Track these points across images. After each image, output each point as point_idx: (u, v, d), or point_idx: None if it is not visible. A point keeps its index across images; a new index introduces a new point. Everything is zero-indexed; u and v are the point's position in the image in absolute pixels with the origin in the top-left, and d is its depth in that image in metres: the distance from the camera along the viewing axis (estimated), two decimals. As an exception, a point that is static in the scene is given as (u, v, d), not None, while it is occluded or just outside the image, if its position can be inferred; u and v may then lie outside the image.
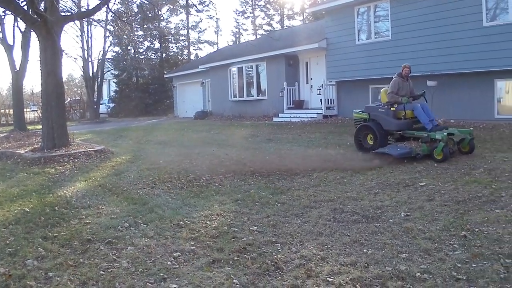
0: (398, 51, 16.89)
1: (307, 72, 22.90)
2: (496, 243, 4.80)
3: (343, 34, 19.41)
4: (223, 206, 6.65)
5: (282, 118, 21.31)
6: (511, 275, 4.06)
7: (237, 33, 58.74)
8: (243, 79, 25.96)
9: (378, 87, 18.75)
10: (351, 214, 6.11)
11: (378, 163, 9.35)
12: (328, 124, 17.78)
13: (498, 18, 14.46)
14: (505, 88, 15.20)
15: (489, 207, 6.11)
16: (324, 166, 9.46)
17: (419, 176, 8.20)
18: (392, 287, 3.88)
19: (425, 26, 15.95)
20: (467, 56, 14.80)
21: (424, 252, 4.65)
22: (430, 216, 5.88)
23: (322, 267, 4.30)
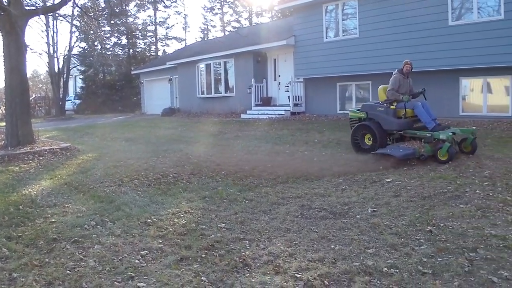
0: (365, 49, 17.09)
1: (275, 69, 22.95)
2: (460, 237, 4.90)
3: (311, 31, 19.52)
4: (191, 204, 6.61)
5: (250, 115, 21.32)
6: (475, 268, 4.14)
7: (205, 29, 58.42)
8: (211, 76, 25.88)
9: (346, 84, 18.98)
10: (318, 211, 6.15)
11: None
12: (295, 121, 17.86)
13: (463, 18, 14.77)
14: (469, 86, 15.54)
15: (454, 202, 6.23)
16: (293, 162, 9.52)
17: (386, 173, 8.33)
18: (359, 282, 3.91)
19: (393, 24, 16.17)
20: (433, 54, 15.07)
21: (390, 247, 4.70)
22: (397, 211, 5.96)
23: (290, 263, 4.31)
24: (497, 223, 5.33)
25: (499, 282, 3.89)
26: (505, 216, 5.53)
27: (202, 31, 58.90)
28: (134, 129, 19.36)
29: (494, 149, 10.02)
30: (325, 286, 3.88)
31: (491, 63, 14.06)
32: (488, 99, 15.05)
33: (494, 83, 15.15)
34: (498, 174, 7.47)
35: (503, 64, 13.91)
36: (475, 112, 15.12)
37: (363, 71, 17.53)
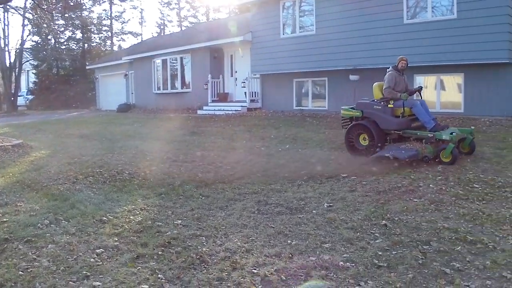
0: (322, 45, 17.24)
1: (232, 65, 22.91)
2: (414, 230, 5.03)
3: (269, 27, 19.55)
4: (147, 200, 6.53)
5: (206, 111, 21.22)
6: (428, 260, 4.26)
7: (162, 24, 57.80)
8: (167, 72, 25.64)
9: (302, 80, 19.11)
10: (275, 206, 6.18)
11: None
12: (252, 117, 17.88)
13: (418, 16, 15.12)
14: (423, 83, 15.88)
15: (408, 196, 6.38)
16: (249, 158, 9.54)
17: (341, 168, 8.41)
18: (316, 276, 3.96)
19: (349, 21, 16.37)
20: (389, 51, 15.31)
21: (346, 242, 4.78)
22: (352, 206, 6.06)
23: (247, 259, 4.32)
24: (450, 216, 5.50)
25: (451, 273, 4.01)
26: (457, 210, 5.71)
27: (158, 26, 58.32)
28: (89, 125, 18.98)
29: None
30: (282, 281, 3.91)
31: (444, 61, 14.44)
32: (441, 96, 15.44)
33: (447, 80, 15.55)
34: (450, 169, 7.68)
35: (456, 62, 14.29)
36: (429, 108, 15.42)
37: (320, 67, 17.68)
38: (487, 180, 6.95)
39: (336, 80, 17.76)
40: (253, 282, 3.85)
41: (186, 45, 23.75)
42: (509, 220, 5.32)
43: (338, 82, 17.68)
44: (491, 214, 5.49)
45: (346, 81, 16.85)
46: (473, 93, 14.50)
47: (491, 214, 5.50)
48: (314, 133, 12.97)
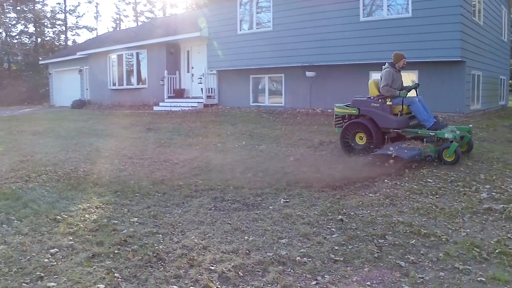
0: (279, 42, 17.30)
1: (189, 60, 22.74)
2: (370, 225, 5.14)
3: (225, 23, 19.49)
4: (102, 198, 6.42)
5: (162, 107, 21.00)
6: (384, 254, 4.36)
7: (118, 19, 56.92)
8: (123, 67, 25.21)
9: (259, 77, 19.14)
10: (231, 202, 6.19)
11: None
12: (208, 113, 17.82)
13: (374, 14, 15.35)
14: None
15: (363, 191, 6.51)
16: (206, 155, 9.51)
17: (298, 164, 8.50)
18: (273, 272, 3.99)
19: (306, 18, 16.47)
20: (345, 48, 15.55)
21: (303, 237, 4.83)
22: (309, 202, 6.13)
23: (204, 256, 4.31)
24: (404, 210, 5.64)
25: (406, 266, 4.12)
26: (411, 204, 5.87)
27: (114, 21, 57.46)
28: (42, 122, 18.49)
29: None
30: (239, 277, 3.93)
31: (400, 58, 14.72)
32: (396, 92, 15.73)
33: (402, 77, 15.81)
34: (405, 164, 7.84)
35: (410, 59, 14.54)
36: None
37: (276, 64, 17.75)
38: (440, 175, 7.17)
39: (293, 77, 17.87)
40: (210, 279, 3.85)
41: (142, 40, 23.46)
42: (461, 213, 5.52)
43: (294, 78, 17.80)
44: (444, 208, 5.67)
45: (303, 77, 17.00)
46: (427, 90, 14.83)
47: (444, 207, 5.68)
48: (271, 129, 13.03)
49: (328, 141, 10.61)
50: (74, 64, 29.95)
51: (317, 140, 10.79)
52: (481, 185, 6.66)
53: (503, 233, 4.88)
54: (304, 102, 17.37)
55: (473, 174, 7.24)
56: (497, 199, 6.03)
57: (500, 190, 6.38)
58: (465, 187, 6.58)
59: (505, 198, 6.06)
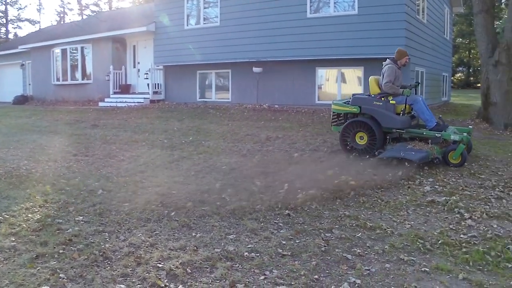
0: (226, 37, 17.30)
1: (135, 55, 22.40)
2: (317, 219, 5.22)
3: (173, 18, 19.32)
4: (46, 197, 6.22)
5: (108, 103, 20.57)
6: (331, 247, 4.46)
7: (62, 12, 55.45)
8: (67, 62, 24.48)
9: (206, 72, 19.07)
10: (178, 199, 6.12)
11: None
12: (155, 109, 17.62)
13: (321, 11, 15.59)
14: (325, 76, 16.43)
15: (310, 186, 6.47)
16: (152, 151, 9.41)
17: (244, 160, 8.53)
18: (221, 268, 4.00)
19: (253, 14, 16.55)
20: (292, 44, 15.71)
21: (251, 232, 4.86)
22: (256, 197, 6.09)
23: (151, 254, 4.27)
24: (350, 204, 5.77)
25: (353, 259, 4.23)
26: (357, 198, 5.99)
27: (58, 14, 55.97)
28: (-18, 118, 17.80)
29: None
30: (187, 274, 3.91)
31: (345, 55, 15.04)
32: (342, 89, 16.03)
33: (348, 73, 16.19)
34: (350, 160, 8.00)
35: (356, 56, 14.92)
36: (330, 101, 15.94)
37: (223, 59, 17.73)
38: (383, 167, 7.33)
39: (240, 72, 17.91)
40: (158, 277, 3.82)
41: (88, 34, 22.91)
42: (406, 206, 5.70)
43: (241, 74, 17.84)
44: (389, 201, 5.86)
45: (250, 73, 17.06)
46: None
47: (389, 201, 5.88)
48: (218, 125, 13.02)
49: (275, 137, 10.70)
50: (15, 58, 28.92)
51: (264, 136, 10.86)
52: (424, 179, 6.95)
53: (446, 225, 5.10)
54: (251, 98, 17.44)
55: (417, 167, 7.46)
56: (439, 192, 6.29)
57: (442, 183, 6.68)
58: (409, 180, 6.83)
59: (447, 190, 6.33)
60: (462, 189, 6.46)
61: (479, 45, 13.23)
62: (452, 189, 6.41)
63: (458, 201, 5.87)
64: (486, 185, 6.69)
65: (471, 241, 4.65)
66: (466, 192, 6.35)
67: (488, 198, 6.10)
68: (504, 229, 5.04)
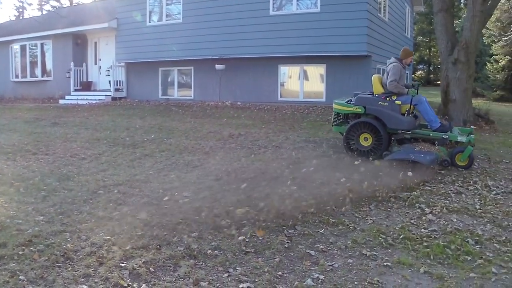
0: (189, 34, 17.18)
1: (96, 52, 22.00)
2: (280, 216, 5.22)
3: (135, 14, 19.03)
4: (4, 197, 6.04)
5: (69, 100, 20.12)
6: (294, 244, 4.50)
7: (21, 7, 53.94)
8: (26, 58, 23.85)
9: (168, 69, 18.91)
10: (141, 197, 6.08)
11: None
12: (117, 106, 17.37)
13: (283, 8, 15.68)
14: (288, 73, 16.51)
15: (273, 183, 6.53)
16: (114, 149, 9.28)
17: (207, 157, 8.50)
18: (185, 266, 3.98)
19: (216, 11, 16.49)
20: (255, 42, 15.73)
21: (214, 230, 4.83)
22: (219, 194, 6.09)
23: (114, 253, 4.21)
24: (313, 200, 5.78)
25: (316, 254, 4.29)
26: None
27: (17, 9, 54.47)
28: None
29: (310, 132, 10.85)
30: (151, 273, 3.88)
31: (308, 52, 15.14)
32: (304, 86, 16.14)
33: (310, 70, 16.30)
34: (306, 156, 8.06)
35: (318, 53, 15.04)
36: (293, 98, 16.17)
37: (186, 56, 17.61)
38: (348, 162, 7.46)
39: (202, 70, 17.82)
40: (121, 276, 3.77)
41: (47, 30, 22.26)
42: (367, 201, 5.78)
43: (204, 71, 17.75)
44: (352, 197, 5.90)
45: (212, 70, 17.00)
46: (334, 83, 15.36)
47: (351, 197, 5.91)
48: (180, 122, 12.93)
49: (237, 134, 10.70)
50: (-29, 54, 27.96)
51: (227, 133, 10.85)
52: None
53: (407, 219, 5.22)
54: (213, 95, 17.40)
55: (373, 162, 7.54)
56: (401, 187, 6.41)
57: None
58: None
59: (409, 186, 6.45)
60: (423, 184, 6.63)
61: (439, 44, 13.51)
62: (413, 184, 6.55)
63: (419, 196, 6.03)
64: (446, 181, 6.91)
65: (431, 235, 4.79)
66: (426, 187, 6.52)
67: (448, 193, 6.30)
68: (463, 223, 5.20)
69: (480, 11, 12.13)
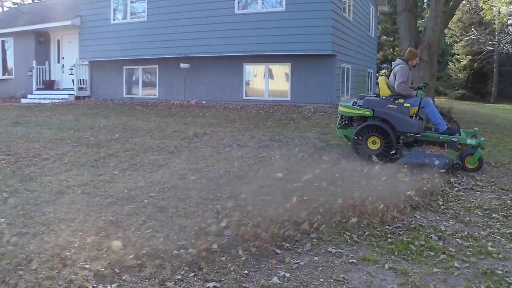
0: (153, 33, 17.02)
1: (59, 50, 21.56)
2: (245, 214, 5.15)
3: (99, 12, 18.74)
4: (-35, 199, 5.90)
5: (31, 99, 19.64)
6: (259, 242, 4.46)
7: (-21, 4, 52.30)
8: (-14, 56, 23.26)
9: (133, 68, 18.70)
10: (105, 197, 5.99)
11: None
12: (80, 105, 17.07)
13: (249, 7, 15.70)
14: (253, 72, 16.54)
15: (238, 182, 6.59)
16: (79, 149, 9.13)
17: (172, 157, 8.45)
18: (150, 266, 3.93)
19: (181, 9, 16.40)
20: (220, 40, 15.72)
21: (180, 229, 4.79)
22: (184, 194, 6.08)
23: (78, 255, 4.11)
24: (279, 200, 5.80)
25: (282, 253, 4.34)
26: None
27: (-25, 6, 52.65)
28: None
29: (275, 131, 10.89)
30: (116, 274, 3.82)
31: (273, 51, 15.22)
32: (269, 85, 16.21)
33: (275, 69, 16.38)
34: (277, 154, 8.10)
35: (283, 52, 15.14)
36: (258, 97, 16.20)
37: (150, 55, 17.46)
38: (310, 162, 7.53)
39: (167, 68, 17.69)
40: (85, 278, 3.70)
41: (9, 27, 21.75)
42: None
43: (169, 70, 17.63)
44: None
45: (177, 69, 16.88)
46: (299, 82, 15.48)
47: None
48: (145, 121, 12.80)
49: (202, 133, 10.68)
50: None
51: (192, 132, 10.80)
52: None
53: (372, 217, 5.26)
54: (178, 94, 17.30)
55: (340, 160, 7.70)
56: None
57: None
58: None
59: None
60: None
61: (403, 43, 13.73)
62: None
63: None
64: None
65: (396, 232, 4.88)
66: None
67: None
68: (427, 219, 5.32)
69: (442, 12, 12.41)
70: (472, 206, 5.85)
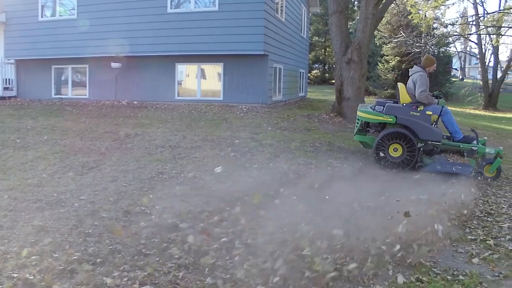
0: (83, 31, 16.35)
1: (-17, 48, 20.47)
2: (176, 215, 5.15)
3: (26, 8, 17.75)
4: None
5: (-48, 99, 18.55)
6: (196, 241, 4.42)
7: None
8: None
9: (62, 67, 18.04)
10: (33, 202, 5.77)
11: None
12: (6, 106, 16.25)
13: (181, 6, 15.55)
14: (185, 72, 16.40)
15: (170, 183, 6.58)
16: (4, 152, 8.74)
17: (103, 158, 8.26)
18: (82, 272, 3.82)
19: (112, 7, 15.94)
20: (152, 40, 15.48)
21: (111, 233, 4.69)
22: (115, 196, 5.99)
23: (4, 263, 3.95)
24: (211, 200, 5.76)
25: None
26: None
27: None
28: None
29: (207, 131, 10.87)
30: (46, 282, 3.68)
31: (205, 51, 15.16)
32: (202, 85, 16.12)
33: (208, 69, 16.31)
34: (210, 155, 8.10)
35: (216, 52, 15.10)
36: (190, 97, 16.08)
37: (81, 54, 16.83)
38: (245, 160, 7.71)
39: (98, 68, 17.16)
40: (13, 288, 3.56)
41: None
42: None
43: (100, 69, 17.10)
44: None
45: (108, 69, 16.43)
46: (232, 82, 15.50)
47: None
48: (75, 122, 12.38)
49: (134, 134, 10.51)
50: None
51: (123, 133, 10.60)
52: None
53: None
54: (109, 94, 16.85)
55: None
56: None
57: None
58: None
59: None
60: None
61: (334, 44, 14.10)
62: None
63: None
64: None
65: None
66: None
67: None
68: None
69: (372, 14, 12.84)
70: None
